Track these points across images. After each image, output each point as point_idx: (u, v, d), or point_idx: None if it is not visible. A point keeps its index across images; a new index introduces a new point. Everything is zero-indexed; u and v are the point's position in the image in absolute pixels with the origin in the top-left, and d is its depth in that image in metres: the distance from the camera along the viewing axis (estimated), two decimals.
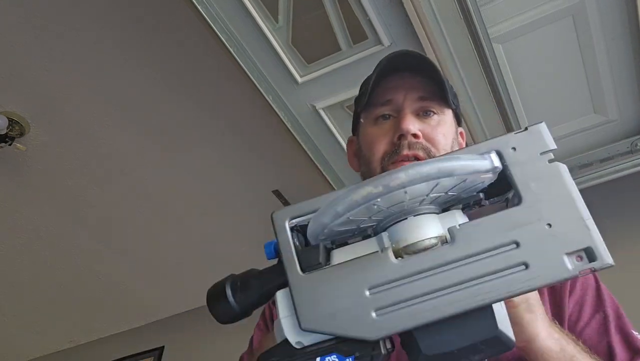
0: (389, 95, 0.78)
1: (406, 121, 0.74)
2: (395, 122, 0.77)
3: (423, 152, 0.74)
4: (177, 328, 2.61)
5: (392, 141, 0.75)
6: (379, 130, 0.78)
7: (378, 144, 0.77)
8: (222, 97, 1.76)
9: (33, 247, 2.31)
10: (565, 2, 1.37)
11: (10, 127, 1.78)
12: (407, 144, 0.74)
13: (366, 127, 0.81)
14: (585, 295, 0.69)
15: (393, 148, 0.75)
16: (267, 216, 2.04)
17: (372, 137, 0.79)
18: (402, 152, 0.73)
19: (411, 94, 0.77)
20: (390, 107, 0.78)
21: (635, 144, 1.60)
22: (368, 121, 0.81)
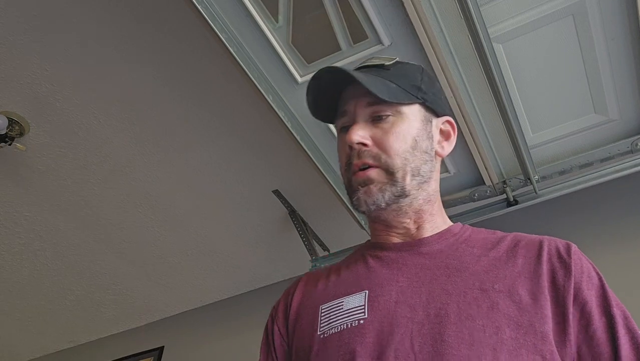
0: (344, 106, 0.80)
1: (350, 133, 0.76)
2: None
3: (372, 160, 0.75)
4: (177, 328, 2.61)
5: (347, 153, 0.78)
6: (340, 142, 0.81)
7: (340, 156, 0.80)
8: (222, 97, 1.76)
9: (33, 247, 2.31)
10: (566, 2, 1.37)
11: (10, 127, 1.78)
12: (356, 153, 0.76)
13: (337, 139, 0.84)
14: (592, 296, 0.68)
15: (348, 160, 0.77)
16: (267, 216, 2.08)
17: (338, 149, 0.82)
18: (352, 162, 0.76)
19: (361, 101, 0.78)
20: (347, 118, 0.80)
21: (635, 144, 1.60)
22: (337, 132, 0.84)
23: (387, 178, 0.75)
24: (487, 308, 0.65)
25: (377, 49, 1.37)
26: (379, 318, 0.68)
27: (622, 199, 1.81)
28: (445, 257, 0.74)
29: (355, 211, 0.81)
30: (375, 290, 0.72)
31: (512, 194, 1.72)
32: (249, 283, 2.48)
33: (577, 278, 0.69)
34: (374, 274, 0.76)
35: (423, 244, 0.77)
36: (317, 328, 0.72)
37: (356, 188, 0.76)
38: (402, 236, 0.80)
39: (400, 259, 0.76)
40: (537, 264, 0.70)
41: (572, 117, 1.62)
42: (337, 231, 2.15)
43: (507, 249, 0.74)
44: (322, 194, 1.86)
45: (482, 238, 0.78)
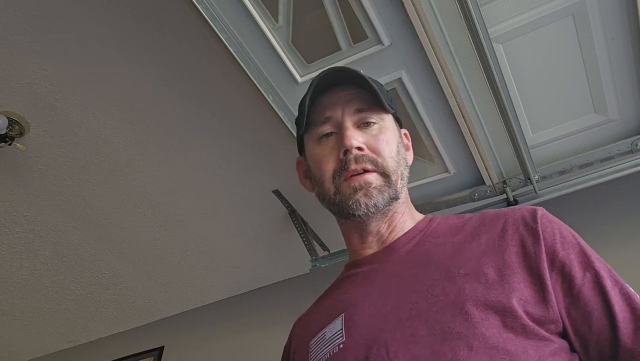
0: (327, 112, 0.80)
1: (347, 136, 0.76)
2: (337, 139, 0.78)
3: (370, 165, 0.76)
4: (177, 328, 2.61)
5: (338, 158, 0.77)
6: (323, 149, 0.80)
7: (326, 163, 0.78)
8: (222, 97, 1.76)
9: (33, 247, 2.31)
10: (566, 2, 1.37)
11: (10, 127, 1.78)
12: (353, 158, 0.76)
13: (311, 147, 0.83)
14: (569, 255, 0.66)
15: (341, 165, 0.77)
16: (267, 216, 2.08)
17: (318, 157, 0.80)
18: (350, 167, 0.76)
19: (348, 107, 0.79)
20: (330, 125, 0.80)
21: (635, 144, 1.60)
22: (312, 141, 0.82)
23: (383, 181, 0.76)
24: (454, 295, 0.64)
25: (377, 49, 1.37)
26: (355, 338, 0.68)
27: (622, 199, 1.81)
28: (412, 256, 0.74)
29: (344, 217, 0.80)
30: (349, 311, 0.72)
31: (512, 194, 1.72)
32: (249, 283, 2.48)
33: (548, 241, 0.66)
34: (349, 295, 0.76)
35: (392, 250, 0.78)
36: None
37: (352, 191, 0.76)
38: (375, 243, 0.80)
39: (372, 271, 0.77)
40: (502, 238, 0.69)
41: (572, 117, 1.62)
42: (337, 231, 2.14)
43: (472, 229, 0.73)
44: None
45: (448, 226, 0.77)
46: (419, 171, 1.70)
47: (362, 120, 0.79)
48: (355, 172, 0.76)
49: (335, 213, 0.81)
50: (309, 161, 0.84)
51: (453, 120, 1.51)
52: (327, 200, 0.80)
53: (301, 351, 0.78)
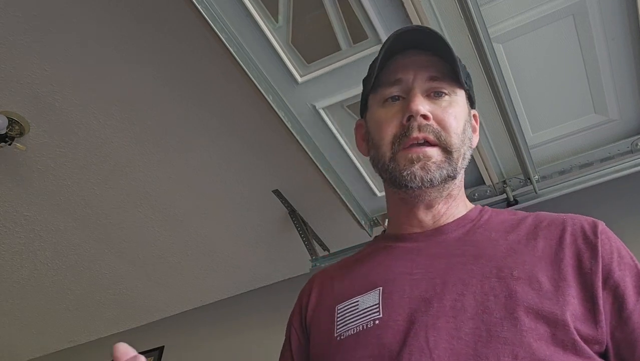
0: (397, 74, 0.75)
1: (415, 102, 0.71)
2: (404, 104, 0.73)
3: (433, 136, 0.71)
4: (177, 328, 2.61)
5: (401, 123, 0.72)
6: (387, 112, 0.75)
7: (387, 127, 0.74)
8: (222, 97, 1.76)
9: (33, 247, 2.31)
10: (566, 2, 1.37)
11: (10, 127, 1.78)
12: (416, 126, 0.71)
13: (374, 109, 0.78)
14: (625, 277, 0.63)
15: (402, 131, 0.72)
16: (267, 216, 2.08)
17: (380, 119, 0.75)
18: (411, 135, 0.71)
19: (421, 73, 0.74)
20: (399, 88, 0.75)
21: (635, 144, 1.60)
22: (376, 102, 0.78)
23: (444, 157, 0.72)
24: (504, 298, 0.61)
25: (377, 49, 1.37)
26: (393, 316, 0.65)
27: (622, 199, 1.81)
28: (462, 244, 0.71)
29: (396, 186, 0.74)
30: (389, 286, 0.69)
31: (512, 194, 1.72)
32: (249, 283, 2.48)
33: (605, 259, 0.64)
34: (387, 269, 0.72)
35: (440, 233, 0.74)
36: (334, 330, 0.70)
37: (408, 162, 0.71)
38: (423, 222, 0.76)
39: (415, 250, 0.73)
40: (559, 247, 0.66)
41: (572, 117, 1.62)
42: (337, 231, 2.15)
43: (528, 231, 0.70)
44: (322, 194, 1.86)
45: (500, 221, 0.74)
46: None
47: (434, 89, 0.74)
48: (415, 141, 0.71)
49: (387, 180, 0.76)
50: (370, 122, 0.79)
51: None
52: (381, 165, 0.75)
53: (324, 311, 0.74)
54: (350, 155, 1.66)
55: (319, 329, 0.74)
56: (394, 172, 0.73)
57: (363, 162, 1.70)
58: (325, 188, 1.73)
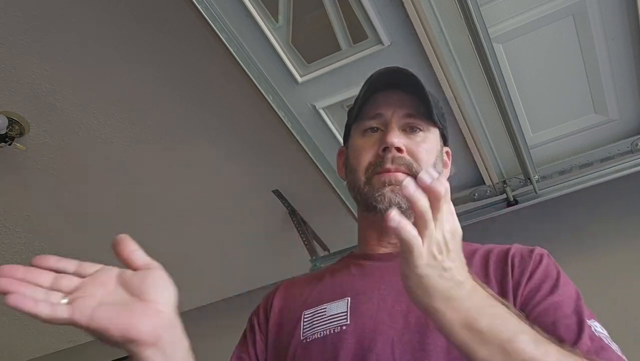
0: (378, 109, 0.82)
1: (391, 134, 0.78)
2: (381, 135, 0.80)
3: (405, 167, 0.78)
4: None
5: (377, 153, 0.79)
6: (366, 142, 0.82)
7: (364, 154, 0.81)
8: (222, 97, 1.76)
9: (33, 247, 2.31)
10: (566, 2, 1.37)
11: (10, 127, 1.78)
12: (390, 157, 0.78)
13: (355, 138, 0.86)
14: (543, 283, 0.71)
15: (377, 160, 0.79)
16: (267, 216, 2.07)
17: (359, 147, 0.83)
18: (384, 166, 0.78)
19: (399, 110, 0.81)
20: (378, 121, 0.82)
21: (635, 144, 1.60)
22: (357, 132, 0.85)
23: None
24: None
25: (377, 49, 1.37)
26: (360, 324, 0.70)
27: (622, 199, 1.81)
28: None
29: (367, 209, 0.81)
30: (358, 297, 0.74)
31: (512, 194, 1.72)
32: (249, 283, 2.48)
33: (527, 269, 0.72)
34: (356, 283, 0.78)
35: None
36: (300, 333, 0.74)
37: (380, 185, 0.77)
38: (391, 246, 0.82)
39: (383, 268, 0.78)
40: (503, 268, 0.74)
41: (572, 117, 1.62)
42: (337, 231, 2.15)
43: (479, 259, 0.77)
44: (322, 194, 1.86)
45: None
46: None
47: (409, 125, 0.81)
48: (387, 171, 0.78)
49: (360, 204, 0.83)
50: (350, 150, 0.87)
51: (453, 120, 1.51)
52: (356, 189, 0.82)
53: (289, 314, 0.79)
54: None
55: (282, 329, 0.78)
56: (367, 194, 0.79)
57: None
58: (325, 188, 1.73)
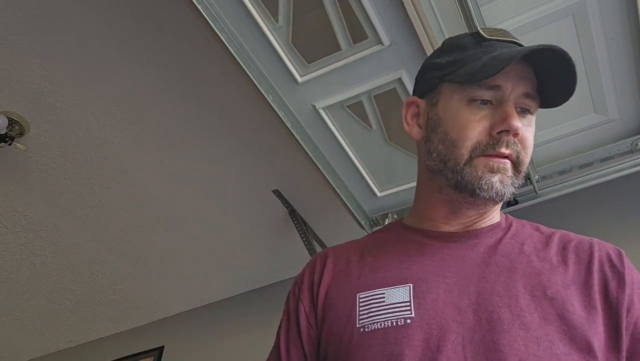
0: (497, 80, 0.70)
1: (514, 118, 0.69)
2: (494, 112, 0.70)
3: (515, 154, 0.70)
4: (177, 328, 2.61)
5: (488, 132, 0.70)
6: (473, 114, 0.71)
7: (472, 130, 0.70)
8: (222, 97, 1.76)
9: (33, 247, 2.31)
10: (566, 2, 1.37)
11: (10, 127, 1.78)
12: (506, 141, 0.69)
13: (454, 103, 0.72)
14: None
15: (489, 140, 0.69)
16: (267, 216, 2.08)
17: (464, 119, 0.71)
18: (500, 149, 0.69)
19: (519, 86, 0.71)
20: (493, 94, 0.71)
21: (635, 144, 1.60)
22: (457, 97, 0.72)
23: (515, 174, 0.71)
24: (539, 317, 0.62)
25: (377, 49, 1.37)
26: (426, 319, 0.63)
27: (622, 199, 1.81)
28: (494, 253, 0.70)
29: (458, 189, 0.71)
30: (420, 285, 0.67)
31: None
32: (249, 283, 2.48)
33: (629, 289, 0.66)
34: (416, 266, 0.70)
35: (472, 237, 0.73)
36: (356, 320, 0.66)
37: (488, 171, 0.69)
38: (460, 224, 0.75)
39: (445, 250, 0.71)
40: (588, 273, 0.67)
41: (572, 117, 1.62)
42: (337, 231, 2.15)
43: (557, 251, 0.71)
44: (322, 194, 1.86)
45: (528, 235, 0.74)
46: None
47: (525, 106, 0.72)
48: (502, 155, 0.69)
49: (449, 180, 0.72)
50: (443, 114, 0.74)
51: None
52: (450, 165, 0.71)
53: (341, 295, 0.71)
54: (350, 155, 1.66)
55: (336, 314, 0.70)
56: (467, 176, 0.70)
57: (363, 162, 1.70)
58: (325, 188, 1.73)
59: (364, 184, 1.76)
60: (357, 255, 0.76)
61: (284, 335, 0.76)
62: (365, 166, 1.71)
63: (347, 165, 1.69)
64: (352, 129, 1.59)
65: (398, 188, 1.77)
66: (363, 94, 1.50)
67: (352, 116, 1.56)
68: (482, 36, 0.74)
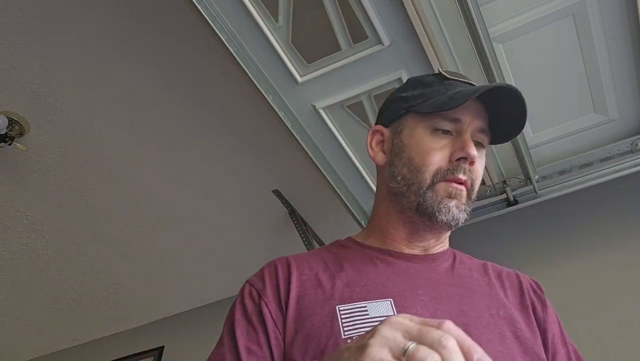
0: (458, 114, 0.77)
1: (472, 148, 0.75)
2: (453, 141, 0.76)
3: (470, 182, 0.76)
4: (177, 328, 2.61)
5: (448, 159, 0.76)
6: (435, 142, 0.77)
7: (434, 156, 0.76)
8: (222, 97, 1.76)
9: (33, 247, 2.31)
10: (566, 2, 1.37)
11: (10, 127, 1.78)
12: (463, 169, 0.75)
13: (418, 132, 0.79)
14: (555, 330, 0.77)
15: (449, 167, 0.75)
16: (267, 216, 2.07)
17: (427, 147, 0.77)
18: (458, 175, 0.74)
19: (476, 122, 0.78)
20: (454, 126, 0.77)
21: (635, 144, 1.60)
22: (422, 126, 0.78)
23: (467, 201, 0.77)
24: (498, 334, 0.68)
25: (377, 49, 1.37)
26: None
27: (622, 199, 1.81)
28: (451, 276, 0.77)
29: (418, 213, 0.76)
30: (400, 301, 0.69)
31: (512, 194, 1.72)
32: None
33: (548, 312, 0.77)
34: (392, 283, 0.73)
35: (432, 260, 0.78)
36: (340, 331, 0.66)
37: (446, 195, 0.75)
38: (418, 248, 0.80)
39: (412, 270, 0.76)
40: (522, 296, 0.78)
41: (572, 117, 1.62)
42: (337, 231, 2.14)
43: (495, 277, 0.80)
44: (322, 194, 1.86)
45: (469, 261, 0.83)
46: None
47: (477, 138, 0.79)
48: (459, 181, 0.75)
49: (410, 202, 0.77)
50: (407, 141, 0.79)
51: None
52: (414, 189, 0.76)
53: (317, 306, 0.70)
54: (350, 155, 1.66)
55: (314, 324, 0.69)
56: (429, 200, 0.75)
57: (363, 162, 1.70)
58: (325, 188, 1.73)
59: (364, 184, 1.76)
60: (321, 268, 0.77)
61: (242, 336, 0.72)
62: (365, 166, 1.71)
63: (347, 165, 1.70)
64: (352, 129, 1.60)
65: None
66: (363, 94, 1.50)
67: (352, 116, 1.56)
68: (444, 76, 0.81)
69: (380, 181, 0.85)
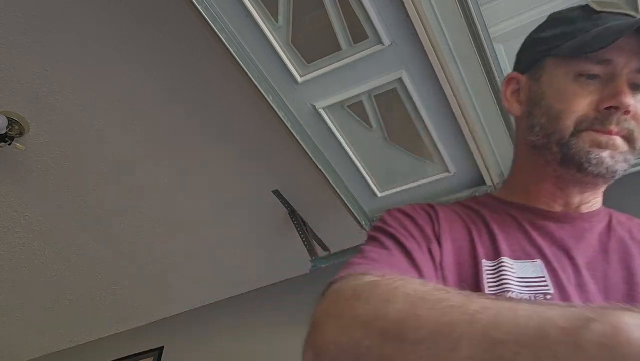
0: (608, 54, 0.66)
1: (626, 95, 0.65)
2: (602, 87, 0.67)
3: (626, 133, 0.66)
4: (177, 328, 2.61)
5: (596, 107, 0.66)
6: (580, 89, 0.67)
7: (578, 102, 0.67)
8: (222, 97, 1.76)
9: (33, 247, 2.31)
10: (566, 2, 1.37)
11: (9, 127, 1.78)
12: (615, 119, 0.65)
13: (559, 78, 0.69)
14: None
15: (597, 116, 0.66)
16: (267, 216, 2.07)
17: (570, 93, 0.68)
18: (609, 127, 0.65)
19: (632, 62, 0.66)
20: (603, 68, 0.67)
21: None
22: (562, 71, 0.69)
23: (629, 152, 0.67)
24: None
25: (377, 49, 1.37)
26: (565, 298, 0.60)
27: (622, 199, 1.81)
28: (608, 239, 0.68)
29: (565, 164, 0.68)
30: (550, 263, 0.64)
31: None
32: (249, 283, 2.48)
33: None
34: (539, 243, 0.67)
35: (584, 220, 0.71)
36: (483, 285, 0.62)
37: (596, 145, 0.65)
38: (570, 205, 0.72)
39: (562, 231, 0.69)
40: None
41: None
42: (337, 231, 2.15)
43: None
44: (322, 194, 1.86)
45: (628, 221, 0.72)
46: (418, 171, 1.70)
47: (637, 80, 0.67)
48: (610, 133, 0.66)
49: (554, 154, 0.69)
50: (547, 88, 0.71)
51: (453, 120, 1.51)
52: (555, 139, 0.68)
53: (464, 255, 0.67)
54: (350, 155, 1.66)
55: (460, 272, 0.65)
56: (574, 148, 0.67)
57: (363, 162, 1.70)
58: (325, 188, 1.73)
59: (364, 184, 1.76)
60: (460, 220, 0.72)
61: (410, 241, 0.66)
62: (365, 166, 1.70)
63: (347, 165, 1.69)
64: (352, 129, 1.59)
65: (398, 188, 1.77)
66: (363, 94, 1.49)
67: (352, 116, 1.55)
68: (592, 8, 0.69)
69: (518, 133, 0.77)
